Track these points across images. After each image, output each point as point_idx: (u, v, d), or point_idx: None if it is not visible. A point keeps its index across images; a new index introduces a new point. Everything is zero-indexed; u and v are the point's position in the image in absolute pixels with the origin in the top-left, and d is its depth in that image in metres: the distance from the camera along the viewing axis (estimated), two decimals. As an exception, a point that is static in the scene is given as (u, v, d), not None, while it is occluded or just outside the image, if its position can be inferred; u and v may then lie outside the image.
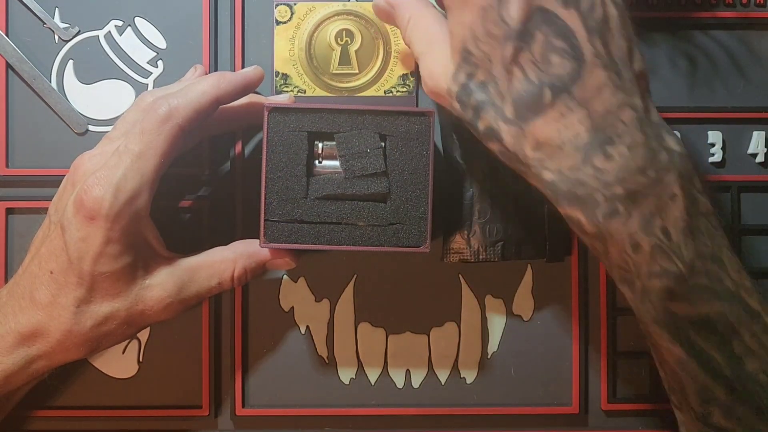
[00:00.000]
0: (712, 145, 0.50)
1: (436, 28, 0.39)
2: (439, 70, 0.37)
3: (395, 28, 0.49)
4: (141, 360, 0.49)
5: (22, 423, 0.49)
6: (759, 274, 0.50)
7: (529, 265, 0.50)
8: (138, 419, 0.49)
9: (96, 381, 0.49)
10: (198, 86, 0.41)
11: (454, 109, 0.37)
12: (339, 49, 0.49)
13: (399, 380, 0.50)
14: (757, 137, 0.50)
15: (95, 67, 0.49)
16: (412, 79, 0.49)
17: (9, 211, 0.49)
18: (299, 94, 0.49)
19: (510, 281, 0.50)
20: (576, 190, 0.34)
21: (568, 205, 0.35)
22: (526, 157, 0.35)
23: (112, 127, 0.44)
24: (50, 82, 0.49)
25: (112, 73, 0.50)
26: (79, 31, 0.49)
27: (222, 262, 0.43)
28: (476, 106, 0.35)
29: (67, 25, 0.49)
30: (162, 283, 0.41)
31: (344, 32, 0.49)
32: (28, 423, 0.49)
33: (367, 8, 0.49)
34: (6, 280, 0.48)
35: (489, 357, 0.50)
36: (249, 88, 0.43)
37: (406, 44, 0.42)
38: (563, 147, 0.34)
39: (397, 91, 0.49)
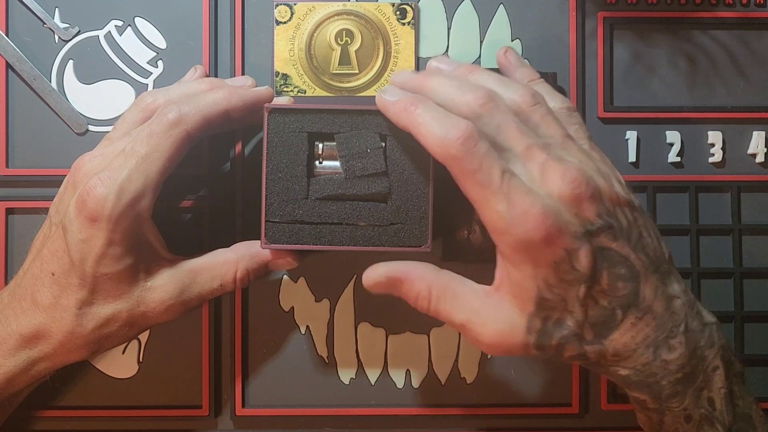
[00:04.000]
0: (712, 145, 0.50)
1: (470, 292, 0.39)
2: (506, 329, 0.38)
3: (395, 29, 0.49)
4: (141, 360, 0.49)
5: (22, 423, 0.49)
6: (760, 274, 0.50)
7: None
8: (138, 419, 0.49)
9: (96, 381, 0.49)
10: (210, 96, 0.42)
11: (529, 355, 0.39)
12: (339, 49, 0.49)
13: (399, 380, 0.50)
14: (757, 137, 0.50)
15: (95, 67, 0.49)
16: (412, 79, 0.49)
17: (9, 211, 0.49)
18: (299, 94, 0.49)
19: (510, 281, 0.50)
20: (647, 379, 0.39)
21: (639, 391, 0.39)
22: (606, 361, 0.39)
23: (112, 127, 0.44)
24: (50, 82, 0.49)
25: (112, 73, 0.50)
26: (79, 31, 0.49)
27: (224, 263, 0.43)
28: (559, 344, 0.38)
29: (67, 25, 0.49)
30: (164, 285, 0.41)
31: (344, 32, 0.49)
32: (28, 423, 0.49)
33: (367, 8, 0.49)
34: (6, 280, 0.48)
35: (489, 357, 0.50)
36: (258, 106, 0.44)
37: (431, 314, 0.40)
38: (637, 349, 0.38)
39: (398, 91, 0.49)
